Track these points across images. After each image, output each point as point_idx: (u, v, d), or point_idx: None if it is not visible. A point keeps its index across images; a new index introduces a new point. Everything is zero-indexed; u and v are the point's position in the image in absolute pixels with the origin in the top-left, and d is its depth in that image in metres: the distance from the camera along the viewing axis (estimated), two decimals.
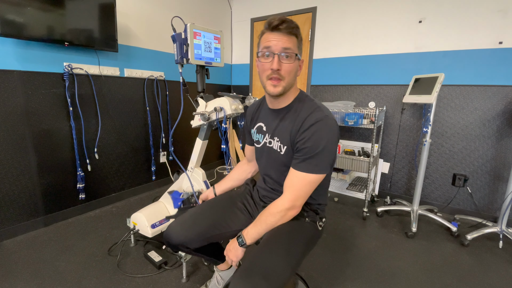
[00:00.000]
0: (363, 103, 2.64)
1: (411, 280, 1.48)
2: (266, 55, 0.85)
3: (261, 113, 1.06)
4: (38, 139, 1.84)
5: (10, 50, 1.66)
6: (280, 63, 0.83)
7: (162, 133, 2.68)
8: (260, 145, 1.05)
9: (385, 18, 2.43)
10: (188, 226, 1.02)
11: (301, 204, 0.90)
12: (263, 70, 0.87)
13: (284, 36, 0.83)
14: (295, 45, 0.85)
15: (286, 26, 0.82)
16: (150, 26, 2.46)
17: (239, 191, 1.21)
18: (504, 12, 1.96)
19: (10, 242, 1.73)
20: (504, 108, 2.06)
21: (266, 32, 0.86)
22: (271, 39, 0.83)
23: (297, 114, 0.90)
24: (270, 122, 1.00)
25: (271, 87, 0.87)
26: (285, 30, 0.82)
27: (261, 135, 1.03)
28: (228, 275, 1.36)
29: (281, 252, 0.84)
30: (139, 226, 1.69)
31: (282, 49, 0.82)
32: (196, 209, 1.09)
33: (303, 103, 0.92)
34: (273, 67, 0.83)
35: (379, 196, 2.65)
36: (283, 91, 0.88)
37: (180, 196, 1.62)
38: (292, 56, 0.84)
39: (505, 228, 1.86)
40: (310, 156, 0.84)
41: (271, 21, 0.83)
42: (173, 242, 1.01)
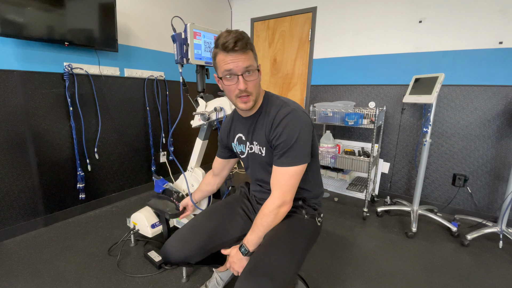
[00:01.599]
0: (363, 103, 2.64)
1: (411, 280, 1.48)
2: (228, 78, 0.85)
3: (236, 125, 1.07)
4: (38, 139, 1.84)
5: (10, 50, 1.66)
6: (245, 82, 0.84)
7: (162, 133, 2.68)
8: (244, 155, 1.06)
9: (385, 18, 2.43)
10: (187, 240, 0.98)
11: (291, 198, 0.90)
12: (230, 91, 0.88)
13: (241, 55, 0.82)
14: (253, 59, 0.85)
15: (241, 44, 0.80)
16: (150, 26, 2.46)
17: (235, 195, 1.21)
18: (504, 12, 1.96)
19: (10, 242, 1.73)
20: (504, 108, 2.06)
21: (220, 53, 0.83)
22: (229, 61, 0.82)
23: (267, 115, 0.93)
24: (247, 130, 1.01)
25: (243, 105, 0.89)
26: (241, 50, 0.81)
27: (242, 145, 1.05)
28: (227, 275, 1.36)
29: (284, 250, 0.84)
30: (139, 226, 1.69)
31: (244, 68, 0.82)
32: (194, 221, 1.06)
33: (271, 103, 0.95)
34: (241, 87, 0.84)
35: (379, 196, 2.65)
36: (253, 103, 0.90)
37: (164, 184, 1.63)
38: (254, 71, 0.85)
39: (505, 228, 1.86)
40: (287, 150, 0.86)
41: (225, 43, 0.80)
42: (173, 260, 0.97)
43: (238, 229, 1.06)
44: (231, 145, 1.11)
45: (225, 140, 1.13)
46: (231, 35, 0.80)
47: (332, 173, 2.67)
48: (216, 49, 0.85)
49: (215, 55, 0.86)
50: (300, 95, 3.08)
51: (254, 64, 0.85)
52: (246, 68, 0.83)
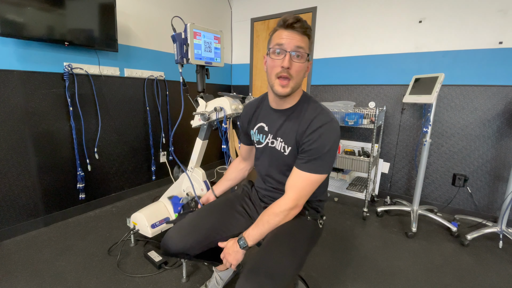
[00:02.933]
0: (363, 103, 2.64)
1: (411, 280, 1.48)
2: (277, 52, 0.83)
3: (261, 113, 1.03)
4: (38, 139, 1.84)
5: (10, 50, 1.66)
6: (291, 62, 0.82)
7: (162, 133, 2.68)
8: (261, 145, 1.03)
9: (385, 18, 2.43)
10: (186, 233, 0.99)
11: (303, 203, 0.91)
12: (272, 67, 0.85)
13: (297, 35, 0.82)
14: (307, 45, 0.84)
15: (300, 25, 0.81)
16: (150, 26, 2.46)
17: (236, 193, 1.19)
18: (504, 12, 1.96)
19: (10, 242, 1.73)
20: (504, 108, 2.06)
21: (279, 29, 0.84)
22: (284, 36, 0.82)
23: (302, 115, 0.90)
24: (273, 122, 0.98)
25: (280, 88, 0.85)
26: (299, 29, 0.81)
27: (262, 135, 1.02)
28: (227, 275, 1.36)
29: (285, 251, 0.84)
30: (139, 226, 1.69)
31: (295, 47, 0.81)
32: (194, 214, 1.06)
33: (308, 104, 0.93)
34: (284, 65, 0.81)
35: (379, 196, 2.65)
36: (291, 91, 0.87)
37: (179, 201, 1.62)
38: (303, 56, 0.83)
39: (505, 228, 1.86)
40: (316, 158, 0.86)
41: (286, 19, 0.81)
42: (171, 250, 0.98)
43: (237, 226, 1.06)
44: (250, 132, 1.09)
45: (245, 126, 1.11)
46: (295, 15, 0.82)
47: (332, 173, 2.67)
48: (276, 27, 0.86)
49: (273, 32, 0.86)
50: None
51: (306, 49, 0.84)
52: (297, 47, 0.81)
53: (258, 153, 1.08)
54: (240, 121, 1.15)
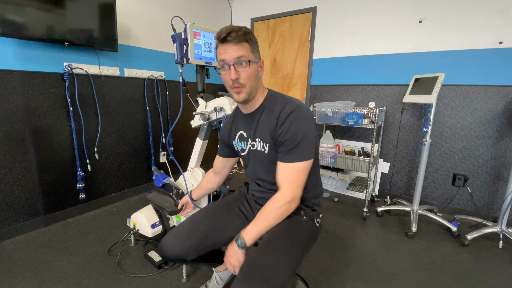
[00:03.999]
0: (363, 103, 2.64)
1: (411, 280, 1.48)
2: (223, 67, 0.88)
3: (238, 122, 1.07)
4: (38, 139, 1.84)
5: (10, 50, 1.66)
6: (237, 72, 0.86)
7: (162, 133, 2.68)
8: (245, 152, 1.06)
9: (385, 18, 2.43)
10: (183, 237, 0.98)
11: (300, 195, 0.90)
12: (225, 81, 0.90)
13: (234, 46, 0.85)
14: (248, 51, 0.87)
15: (234, 35, 0.83)
16: (150, 26, 2.46)
17: (233, 195, 1.20)
18: (504, 12, 1.96)
19: (10, 242, 1.73)
20: (504, 108, 2.06)
21: (218, 45, 0.88)
22: (223, 51, 0.86)
23: (271, 111, 0.94)
24: (248, 127, 1.01)
25: (236, 95, 0.91)
26: (234, 40, 0.84)
27: (244, 142, 1.05)
28: (227, 275, 1.36)
29: (281, 253, 0.84)
30: (139, 226, 1.69)
31: (235, 58, 0.85)
32: (191, 218, 1.06)
33: (275, 100, 0.96)
34: (232, 77, 0.86)
35: (379, 196, 2.65)
36: (247, 96, 0.91)
37: (164, 179, 1.62)
38: (246, 62, 0.86)
39: (505, 228, 1.86)
40: (294, 146, 0.87)
41: (219, 34, 0.85)
42: (169, 255, 0.98)
43: (235, 228, 1.04)
44: (232, 143, 1.11)
45: (226, 138, 1.13)
46: (227, 27, 0.85)
47: (332, 173, 2.67)
48: (216, 43, 0.90)
49: (216, 48, 0.90)
50: (300, 95, 3.08)
51: (248, 55, 0.86)
52: (237, 58, 0.85)
53: (245, 161, 1.09)
54: (219, 135, 1.18)
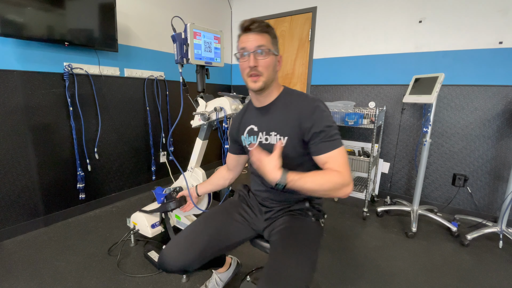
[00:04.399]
0: (363, 103, 2.64)
1: (411, 280, 1.48)
2: (243, 55, 0.90)
3: (248, 117, 1.06)
4: (38, 139, 1.84)
5: (10, 50, 1.66)
6: (256, 60, 0.88)
7: (162, 133, 2.68)
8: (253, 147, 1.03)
9: (385, 18, 2.43)
10: (184, 248, 0.94)
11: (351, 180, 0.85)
12: (243, 69, 0.92)
13: (256, 35, 0.88)
14: (268, 42, 0.89)
15: (257, 25, 0.87)
16: (150, 26, 2.46)
17: (232, 200, 1.16)
18: (504, 12, 1.96)
19: (10, 242, 1.73)
20: (504, 108, 2.06)
21: (241, 35, 0.91)
22: (244, 40, 0.89)
23: (291, 105, 0.94)
24: (261, 120, 1.00)
25: (252, 83, 0.91)
26: (256, 29, 0.87)
27: (253, 137, 1.03)
28: (226, 276, 1.36)
29: (300, 256, 0.83)
30: (139, 226, 1.69)
31: (256, 46, 0.87)
32: (190, 228, 1.02)
33: (291, 95, 0.97)
34: (250, 64, 0.88)
35: (379, 196, 2.65)
36: (263, 85, 0.91)
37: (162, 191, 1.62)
38: (267, 52, 0.88)
39: (505, 228, 1.86)
40: (333, 134, 0.87)
41: (242, 23, 0.89)
42: (171, 269, 0.93)
43: (236, 235, 1.03)
44: (240, 139, 1.09)
45: (234, 134, 1.12)
46: (251, 19, 0.88)
47: None
48: (238, 33, 0.92)
49: (238, 39, 0.92)
50: None
51: (268, 45, 0.89)
52: (258, 46, 0.87)
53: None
54: (229, 131, 1.17)
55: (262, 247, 1.03)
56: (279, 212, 1.02)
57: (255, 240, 1.06)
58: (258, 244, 1.05)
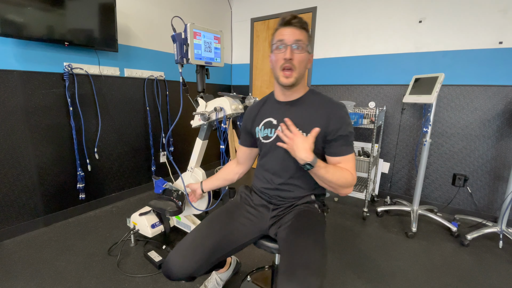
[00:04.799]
0: (363, 103, 2.64)
1: (411, 280, 1.48)
2: (279, 48, 0.91)
3: (267, 108, 1.05)
4: (38, 139, 1.84)
5: (10, 50, 1.66)
6: (292, 53, 0.89)
7: (162, 133, 2.68)
8: (269, 140, 1.01)
9: (385, 18, 2.43)
10: (190, 254, 0.91)
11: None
12: (276, 60, 0.92)
13: (296, 30, 0.89)
14: (306, 38, 0.91)
15: (297, 20, 0.89)
16: (150, 26, 2.46)
17: (235, 201, 1.13)
18: (504, 12, 1.96)
19: (10, 242, 1.73)
20: (504, 108, 2.06)
21: (279, 28, 0.92)
22: (284, 33, 0.90)
23: (319, 105, 0.96)
24: (282, 114, 0.98)
25: (284, 78, 0.92)
26: (297, 24, 0.89)
27: (270, 129, 1.02)
28: (226, 276, 1.36)
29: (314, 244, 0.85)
30: (139, 226, 1.69)
31: (294, 40, 0.88)
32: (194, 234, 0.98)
33: (319, 96, 1.00)
34: (286, 57, 0.88)
35: (379, 196, 2.65)
36: (295, 81, 0.93)
37: (163, 184, 1.63)
38: (303, 48, 0.90)
39: (505, 228, 1.86)
40: (350, 140, 0.95)
41: (284, 17, 0.90)
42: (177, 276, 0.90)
43: (242, 237, 1.00)
44: (254, 130, 1.07)
45: (249, 125, 1.10)
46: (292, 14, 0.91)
47: None
48: (277, 27, 0.94)
49: (275, 32, 0.94)
50: None
51: (305, 41, 0.91)
52: (296, 40, 0.88)
53: (265, 150, 1.04)
54: (242, 122, 1.15)
55: (267, 247, 1.01)
56: (286, 209, 1.02)
57: (259, 241, 1.03)
58: (263, 245, 1.02)
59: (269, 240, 1.02)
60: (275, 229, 0.99)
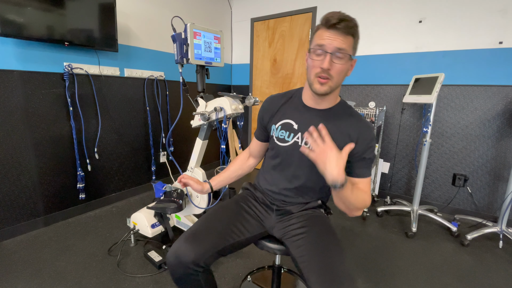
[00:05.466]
0: (363, 103, 2.64)
1: (411, 280, 1.48)
2: (317, 53, 0.81)
3: (289, 109, 0.97)
4: (38, 139, 1.84)
5: (10, 50, 1.66)
6: (331, 63, 0.79)
7: (162, 133, 2.68)
8: (286, 144, 0.95)
9: (385, 18, 2.43)
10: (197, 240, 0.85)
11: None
12: (312, 67, 0.83)
13: (340, 36, 0.78)
14: (350, 45, 0.80)
15: (344, 25, 0.77)
16: (150, 26, 2.46)
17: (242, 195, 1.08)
18: (504, 12, 1.96)
19: (10, 242, 1.73)
20: (504, 108, 2.06)
21: (321, 28, 0.81)
22: (325, 37, 0.79)
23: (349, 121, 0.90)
24: (306, 121, 0.92)
25: (318, 85, 0.83)
26: (342, 30, 0.77)
27: (288, 133, 0.94)
28: None
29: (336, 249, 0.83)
30: (139, 226, 1.69)
31: (336, 49, 0.78)
32: (202, 221, 0.93)
33: (348, 110, 0.93)
34: (324, 66, 0.79)
35: (379, 196, 2.65)
36: (329, 90, 0.84)
37: (162, 187, 1.63)
38: (345, 57, 0.80)
39: (505, 228, 1.86)
40: (372, 162, 0.91)
41: (329, 18, 0.78)
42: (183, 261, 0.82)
43: (250, 228, 0.96)
44: (269, 126, 1.01)
45: (266, 119, 1.02)
46: (339, 13, 0.79)
47: None
48: (318, 25, 0.83)
49: (316, 31, 0.84)
50: None
51: (349, 50, 0.79)
52: (338, 49, 0.78)
53: (277, 152, 0.98)
54: (260, 114, 1.05)
55: (271, 248, 0.97)
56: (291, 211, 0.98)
57: (261, 241, 0.99)
58: (265, 246, 0.98)
59: (272, 241, 0.98)
60: (281, 232, 0.95)
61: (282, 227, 0.96)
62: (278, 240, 0.97)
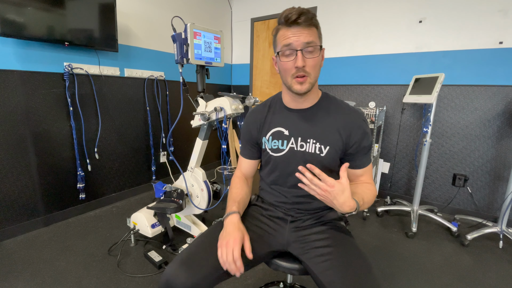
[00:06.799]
0: (363, 103, 2.64)
1: (411, 280, 1.48)
2: (287, 54, 0.78)
3: (274, 117, 0.92)
4: (38, 139, 1.84)
5: (10, 50, 1.66)
6: (304, 59, 0.76)
7: (162, 133, 2.68)
8: (281, 153, 0.89)
9: (385, 18, 2.43)
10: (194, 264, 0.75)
11: None
12: (286, 69, 0.79)
13: (304, 30, 0.75)
14: (316, 36, 0.77)
15: (305, 18, 0.74)
16: (150, 26, 2.46)
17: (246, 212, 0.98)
18: (504, 12, 1.96)
19: (10, 242, 1.73)
20: (504, 108, 2.06)
21: (282, 28, 0.78)
22: (290, 35, 0.76)
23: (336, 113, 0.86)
24: (295, 124, 0.88)
25: (298, 86, 0.79)
26: (304, 23, 0.74)
27: (281, 141, 0.89)
28: None
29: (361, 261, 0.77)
30: (139, 226, 1.70)
31: (305, 44, 0.75)
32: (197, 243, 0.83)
33: (333, 101, 0.89)
34: (298, 65, 0.75)
35: (379, 196, 2.65)
36: (310, 87, 0.80)
37: (163, 187, 1.63)
38: (315, 49, 0.76)
39: (505, 228, 1.86)
40: (370, 148, 0.88)
41: (288, 16, 0.75)
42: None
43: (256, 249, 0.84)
44: (260, 140, 0.94)
45: (255, 134, 0.95)
46: (295, 8, 0.76)
47: None
48: (278, 26, 0.80)
49: (276, 32, 0.81)
50: None
51: (317, 41, 0.77)
52: (307, 43, 0.75)
53: (275, 164, 0.91)
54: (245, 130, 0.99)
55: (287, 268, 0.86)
56: (308, 220, 0.91)
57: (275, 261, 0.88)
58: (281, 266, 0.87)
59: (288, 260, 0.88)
60: (299, 248, 0.86)
61: (300, 242, 0.87)
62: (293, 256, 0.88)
